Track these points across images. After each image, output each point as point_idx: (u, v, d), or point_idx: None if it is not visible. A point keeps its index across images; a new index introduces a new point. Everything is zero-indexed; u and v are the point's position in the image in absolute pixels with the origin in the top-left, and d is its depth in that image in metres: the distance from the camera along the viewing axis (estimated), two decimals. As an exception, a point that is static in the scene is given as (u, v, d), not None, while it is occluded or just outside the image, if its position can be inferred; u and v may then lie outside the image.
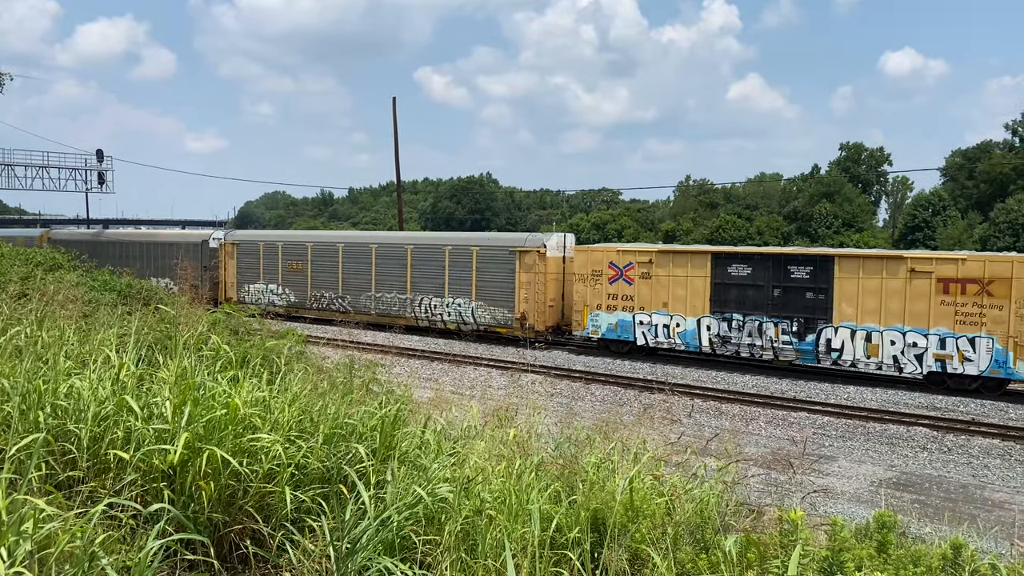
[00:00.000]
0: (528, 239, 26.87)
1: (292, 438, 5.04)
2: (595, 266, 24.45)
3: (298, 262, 32.73)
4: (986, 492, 12.50)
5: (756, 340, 21.68)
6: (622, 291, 23.92)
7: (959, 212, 75.02)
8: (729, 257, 22.38)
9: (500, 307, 26.95)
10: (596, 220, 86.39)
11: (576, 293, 24.93)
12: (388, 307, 29.86)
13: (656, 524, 4.73)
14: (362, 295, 30.61)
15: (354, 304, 30.66)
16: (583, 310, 24.77)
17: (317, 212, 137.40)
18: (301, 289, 32.68)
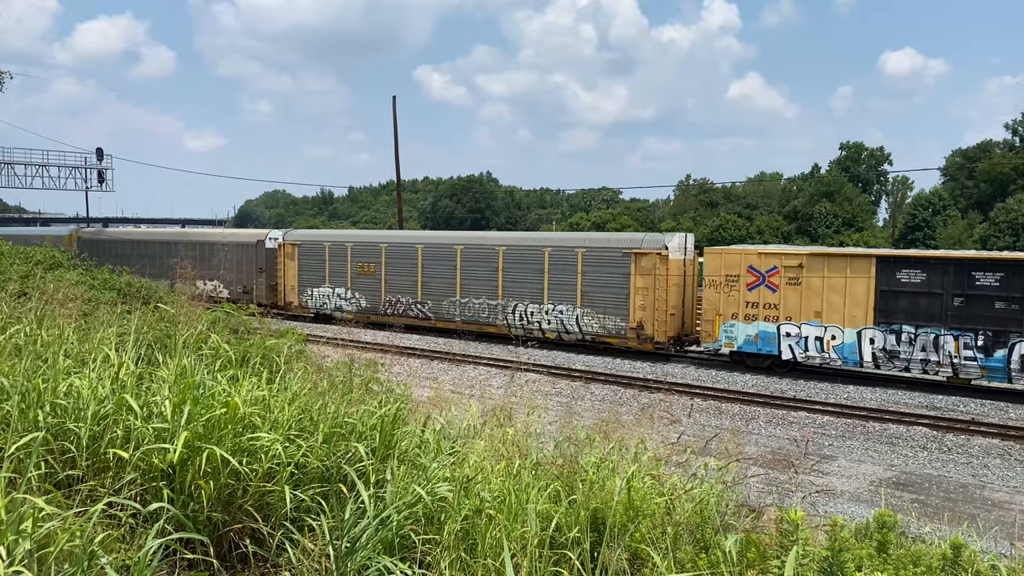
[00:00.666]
0: (646, 239, 24.24)
1: (292, 437, 5.03)
2: (731, 270, 21.83)
3: (370, 264, 30.26)
4: (986, 492, 12.50)
5: (931, 355, 19.30)
6: (764, 298, 21.38)
7: (959, 212, 75.00)
8: (898, 261, 19.94)
9: (611, 315, 24.31)
10: (596, 219, 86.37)
11: (706, 300, 22.30)
12: (475, 314, 27.39)
13: (656, 524, 4.73)
14: (445, 300, 28.15)
15: (435, 310, 28.38)
16: (714, 319, 22.15)
17: (317, 211, 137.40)
18: (373, 293, 30.25)
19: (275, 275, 33.35)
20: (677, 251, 23.67)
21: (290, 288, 32.94)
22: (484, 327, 27.16)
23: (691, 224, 76.13)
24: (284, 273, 33.00)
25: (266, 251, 33.79)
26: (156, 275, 35.41)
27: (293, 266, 32.74)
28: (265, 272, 33.54)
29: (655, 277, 23.31)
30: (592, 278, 24.82)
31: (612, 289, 24.35)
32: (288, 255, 32.97)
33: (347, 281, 30.91)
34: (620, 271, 24.17)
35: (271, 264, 33.53)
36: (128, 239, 41.48)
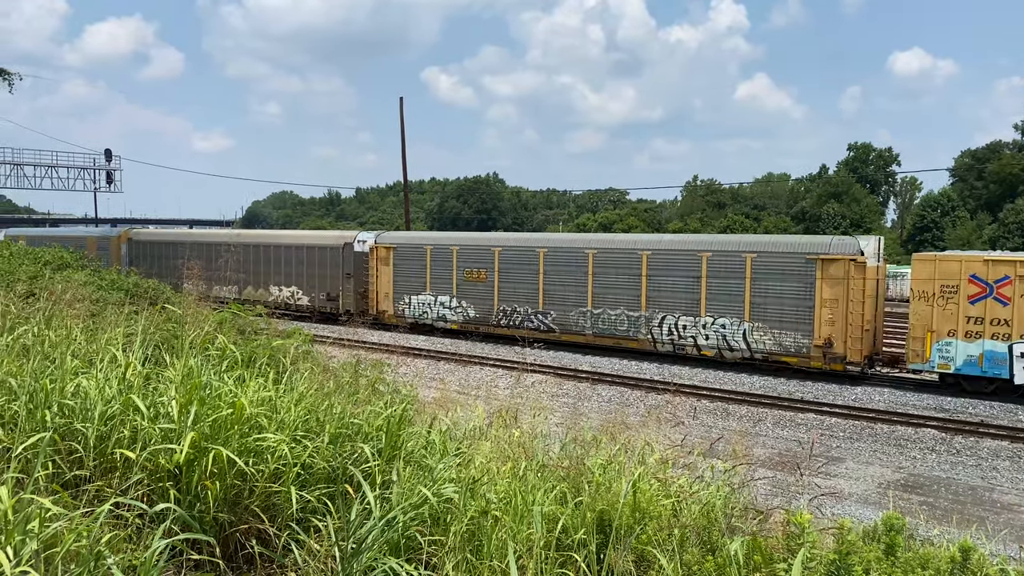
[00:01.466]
0: (834, 243, 21.36)
1: (298, 438, 5.04)
2: (947, 279, 18.99)
3: (480, 270, 27.35)
4: (995, 494, 12.43)
5: None
6: (992, 313, 18.53)
7: (968, 213, 74.68)
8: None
9: (789, 330, 21.45)
10: (603, 220, 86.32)
11: (914, 314, 19.48)
12: (611, 326, 24.49)
13: (662, 526, 4.72)
14: (573, 311, 25.30)
15: (560, 321, 25.63)
16: (924, 337, 19.26)
17: (324, 212, 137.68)
18: (484, 302, 27.39)
19: (365, 281, 30.96)
20: (873, 257, 20.89)
21: (383, 296, 30.21)
22: (621, 341, 24.39)
23: (698, 225, 76.02)
24: (377, 279, 30.30)
25: (355, 255, 31.20)
26: (219, 281, 33.47)
27: (388, 271, 30.01)
28: (353, 278, 31.10)
29: (847, 287, 20.49)
30: (764, 287, 21.91)
31: (791, 300, 21.45)
32: (382, 259, 30.21)
33: (452, 288, 28.18)
34: (802, 280, 21.26)
35: (360, 269, 31.03)
36: (187, 241, 38.76)
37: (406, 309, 29.57)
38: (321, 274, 32.44)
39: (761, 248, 22.38)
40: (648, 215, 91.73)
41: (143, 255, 40.07)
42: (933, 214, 73.67)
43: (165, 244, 39.98)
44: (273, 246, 34.48)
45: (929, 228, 71.84)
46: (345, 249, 31.65)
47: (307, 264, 32.88)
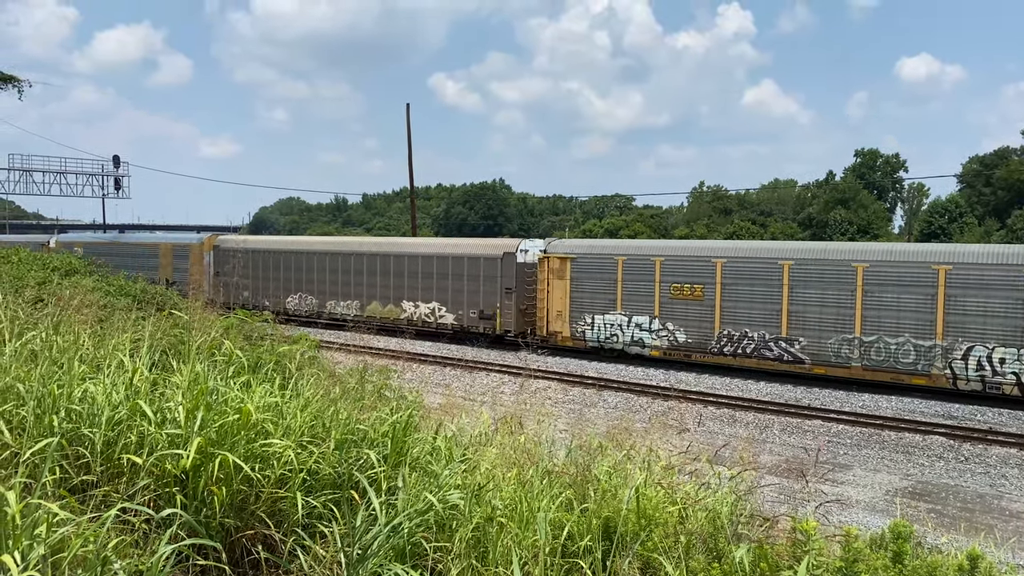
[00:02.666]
0: None
1: (304, 443, 5.05)
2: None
3: (694, 285, 22.99)
4: (1003, 502, 12.36)
5: None
6: None
7: (976, 219, 74.43)
8: None
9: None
10: (609, 226, 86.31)
11: None
12: (890, 357, 19.99)
13: (668, 533, 4.71)
14: (832, 337, 20.81)
15: (813, 350, 21.15)
16: None
17: (331, 218, 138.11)
18: (699, 324, 22.95)
19: (530, 297, 26.81)
20: None
21: (555, 314, 25.74)
22: (904, 376, 19.91)
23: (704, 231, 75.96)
24: (548, 295, 25.86)
25: (517, 266, 26.92)
26: (334, 295, 31.81)
27: (562, 286, 25.56)
28: (515, 293, 26.74)
29: None
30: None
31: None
32: (555, 272, 25.79)
33: (653, 307, 23.74)
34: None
35: (524, 283, 26.87)
36: (293, 249, 34.57)
37: (587, 331, 25.09)
38: (472, 288, 28.12)
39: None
40: (654, 221, 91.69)
41: (234, 265, 36.15)
42: (941, 220, 73.45)
43: (264, 253, 35.35)
44: (407, 256, 30.19)
45: (937, 234, 71.61)
46: (505, 260, 27.27)
47: (453, 277, 28.63)
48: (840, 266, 20.98)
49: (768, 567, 4.04)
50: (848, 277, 20.73)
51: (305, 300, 33.29)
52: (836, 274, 20.94)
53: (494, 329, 27.43)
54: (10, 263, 16.25)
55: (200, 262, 37.71)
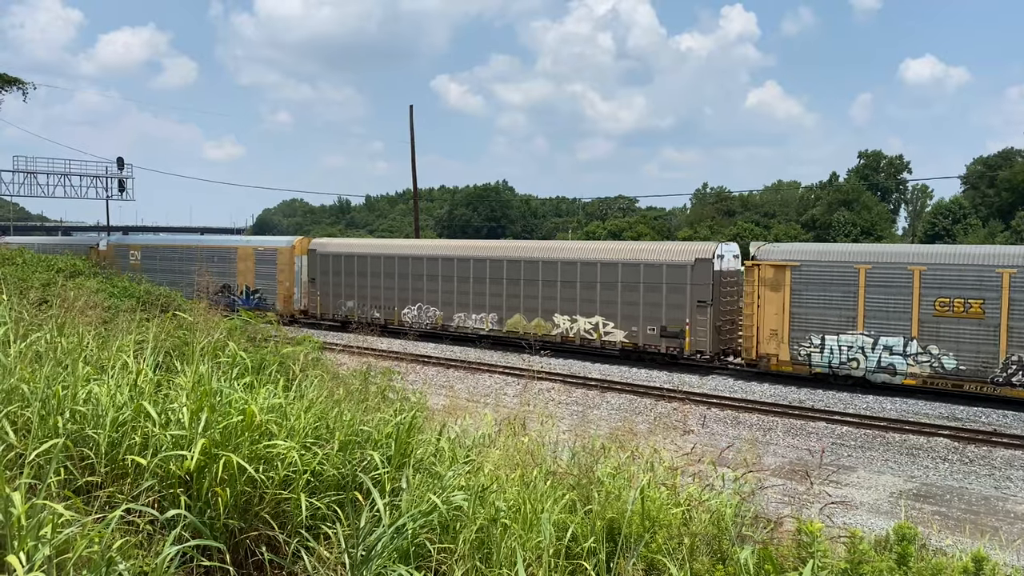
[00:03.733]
0: None
1: (308, 445, 5.05)
2: None
3: (968, 301, 18.98)
4: (1008, 504, 12.32)
5: None
6: None
7: (980, 220, 74.29)
8: None
9: None
10: (612, 228, 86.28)
11: None
12: None
13: (672, 534, 4.70)
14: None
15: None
16: None
17: (335, 220, 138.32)
18: (979, 349, 18.88)
19: (729, 311, 23.50)
20: None
21: (768, 333, 21.86)
22: None
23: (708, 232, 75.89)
24: (759, 309, 21.92)
25: (714, 275, 23.06)
26: (464, 307, 28.00)
27: (777, 299, 21.68)
28: (711, 307, 22.97)
29: None
30: None
31: None
32: (767, 282, 21.78)
33: (910, 325, 19.72)
34: None
35: (723, 294, 23.36)
36: (411, 254, 30.29)
37: (814, 354, 21.18)
38: (652, 301, 24.09)
39: None
40: (657, 223, 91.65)
41: (333, 272, 32.19)
42: (945, 222, 73.34)
43: (373, 258, 31.12)
44: (562, 262, 26.10)
45: (941, 236, 71.48)
46: (697, 267, 23.23)
47: (625, 287, 24.54)
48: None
49: (772, 569, 4.03)
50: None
51: (426, 312, 29.48)
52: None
53: (681, 349, 23.60)
54: (14, 264, 16.29)
55: (290, 268, 33.61)
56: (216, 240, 43.05)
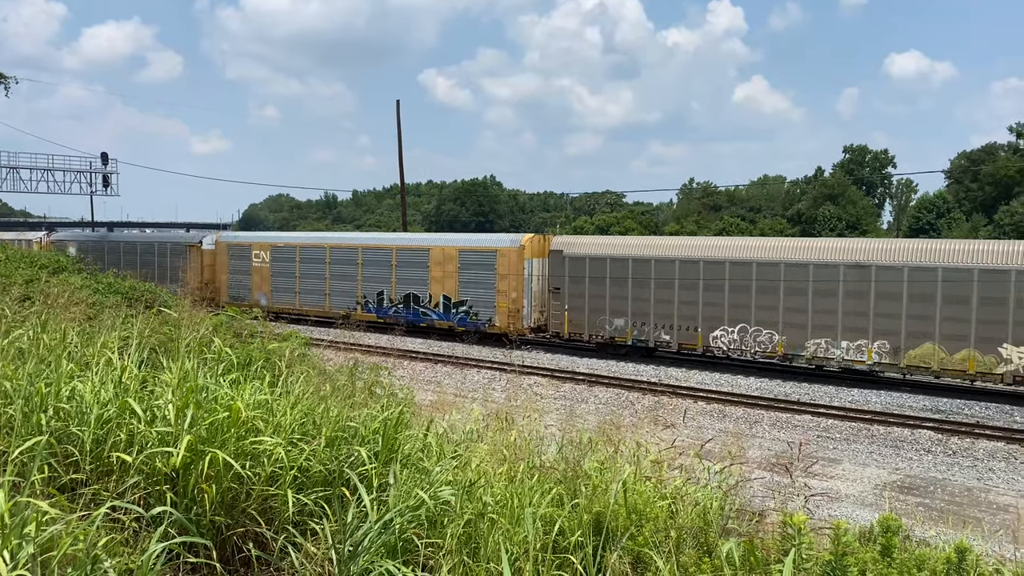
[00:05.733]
0: None
1: (294, 441, 5.05)
2: None
3: None
4: (991, 495, 12.46)
5: None
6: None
7: (964, 215, 74.92)
8: None
9: None
10: (600, 223, 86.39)
11: None
12: None
13: (659, 527, 4.72)
14: None
15: None
16: None
17: (321, 215, 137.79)
18: None
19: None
20: None
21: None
22: None
23: (694, 227, 76.15)
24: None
25: None
26: (827, 331, 20.51)
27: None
28: None
29: None
30: None
31: None
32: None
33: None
34: None
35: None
36: (732, 258, 22.52)
37: None
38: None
39: None
40: (645, 218, 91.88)
41: (592, 280, 24.67)
42: (929, 216, 73.91)
43: (659, 262, 23.46)
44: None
45: (925, 230, 72.02)
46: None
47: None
48: None
49: (756, 562, 4.06)
50: None
51: (755, 336, 21.88)
52: None
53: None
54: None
55: (516, 274, 26.36)
56: (390, 239, 32.53)
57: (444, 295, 27.97)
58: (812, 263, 21.11)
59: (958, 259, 19.36)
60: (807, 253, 21.61)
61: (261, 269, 33.85)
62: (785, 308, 21.45)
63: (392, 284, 29.54)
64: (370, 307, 30.15)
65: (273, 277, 33.30)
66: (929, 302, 19.49)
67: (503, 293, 26.52)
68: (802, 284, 21.15)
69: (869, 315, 20.26)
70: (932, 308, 19.45)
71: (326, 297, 31.53)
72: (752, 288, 21.86)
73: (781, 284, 21.47)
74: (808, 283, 21.06)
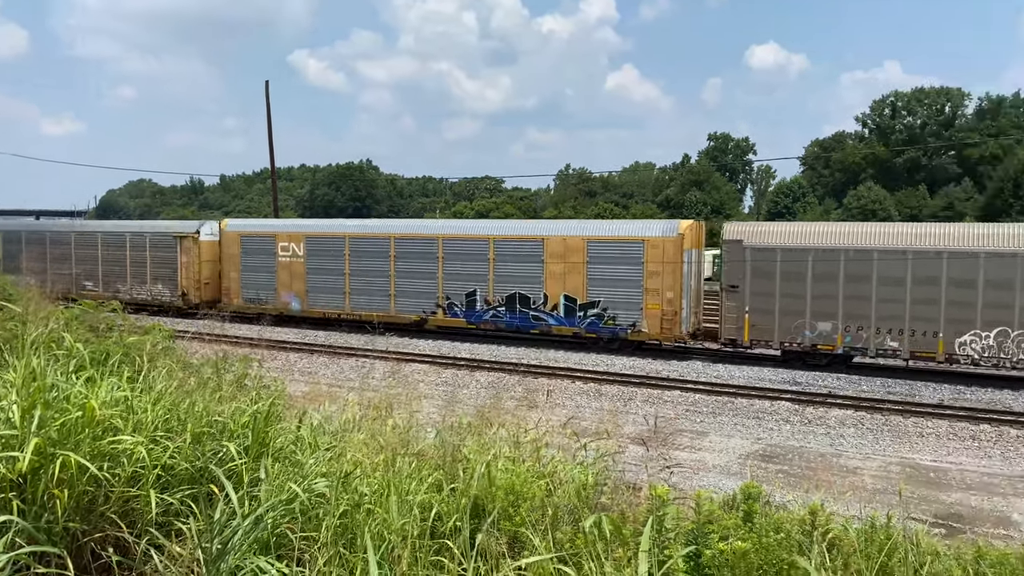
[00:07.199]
0: None
1: (157, 439, 4.80)
2: None
3: None
4: (842, 460, 13.46)
5: None
6: None
7: (817, 199, 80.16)
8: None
9: None
10: (479, 208, 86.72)
11: None
12: None
13: (536, 506, 4.82)
14: None
15: None
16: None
17: (186, 201, 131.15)
18: None
19: None
20: None
21: None
22: None
23: (571, 212, 77.71)
24: None
25: None
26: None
27: None
28: None
29: None
30: None
31: None
32: None
33: None
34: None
35: None
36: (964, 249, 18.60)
37: None
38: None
39: None
40: (524, 203, 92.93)
41: (783, 276, 20.38)
42: (786, 200, 78.63)
43: (882, 255, 19.44)
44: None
45: (782, 213, 76.59)
46: None
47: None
48: None
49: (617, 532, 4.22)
50: None
51: (1021, 343, 18.11)
52: None
53: None
54: None
55: (672, 269, 21.93)
56: (487, 227, 26.68)
57: (566, 295, 23.26)
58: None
59: None
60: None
61: (291, 265, 27.71)
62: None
63: (489, 282, 24.28)
64: (456, 310, 24.91)
65: (309, 274, 27.37)
66: None
67: (652, 292, 22.07)
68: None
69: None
70: None
71: (391, 298, 25.98)
72: (1017, 284, 18.11)
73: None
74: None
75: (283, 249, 28.01)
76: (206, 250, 30.01)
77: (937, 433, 14.94)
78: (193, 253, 29.96)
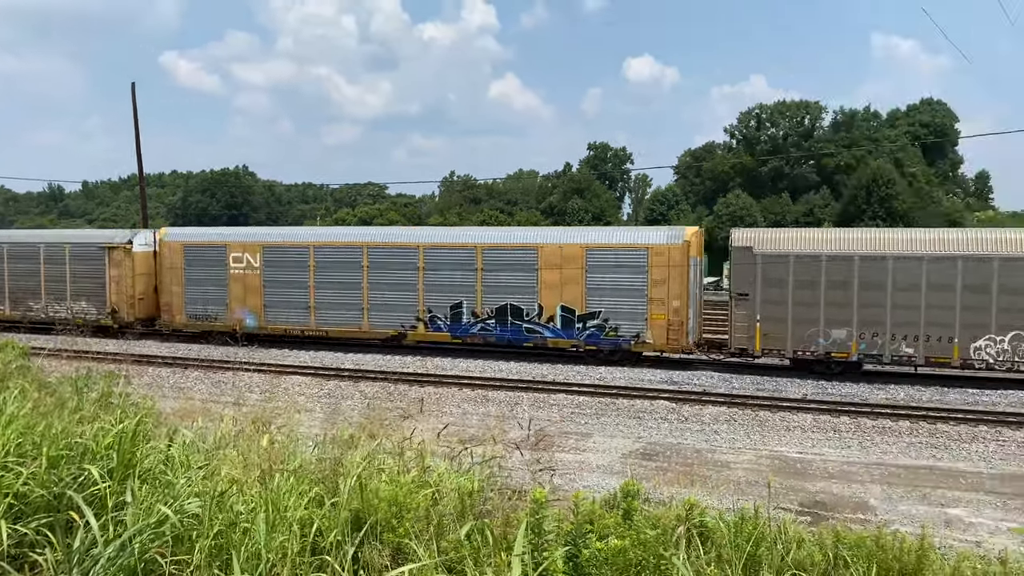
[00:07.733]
0: None
1: (8, 465, 4.45)
2: None
3: None
4: (716, 455, 14.08)
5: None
6: None
7: (690, 206, 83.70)
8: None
9: None
10: (362, 215, 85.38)
11: None
12: None
13: (420, 516, 4.78)
14: None
15: None
16: None
17: (44, 209, 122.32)
18: None
19: None
20: None
21: None
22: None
23: (456, 220, 77.79)
24: None
25: None
26: None
27: None
28: None
29: None
30: None
31: None
32: None
33: None
34: None
35: None
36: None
37: None
38: None
39: None
40: (408, 210, 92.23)
41: (795, 283, 19.92)
42: (661, 207, 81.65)
43: (898, 261, 19.34)
44: None
45: (658, 220, 79.46)
46: None
47: None
48: None
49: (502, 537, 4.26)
50: None
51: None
52: None
53: None
54: None
55: (678, 277, 21.11)
56: (473, 235, 24.97)
57: (563, 306, 22.26)
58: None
59: None
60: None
61: (246, 277, 25.53)
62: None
63: (477, 293, 23.01)
64: (439, 324, 23.52)
65: (267, 287, 25.27)
66: None
67: (656, 303, 21.25)
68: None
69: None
70: None
71: (363, 312, 24.31)
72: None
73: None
74: None
75: (236, 260, 25.79)
76: (140, 262, 27.34)
77: (802, 427, 15.88)
78: (125, 266, 27.18)
